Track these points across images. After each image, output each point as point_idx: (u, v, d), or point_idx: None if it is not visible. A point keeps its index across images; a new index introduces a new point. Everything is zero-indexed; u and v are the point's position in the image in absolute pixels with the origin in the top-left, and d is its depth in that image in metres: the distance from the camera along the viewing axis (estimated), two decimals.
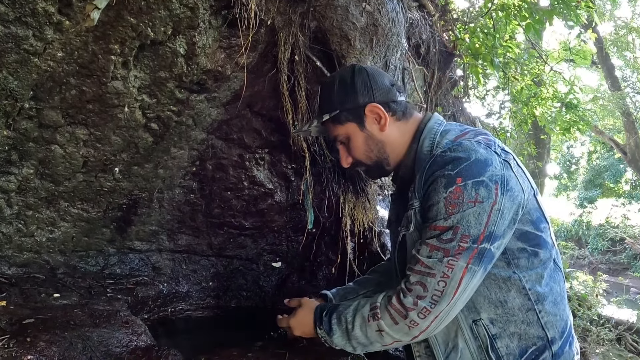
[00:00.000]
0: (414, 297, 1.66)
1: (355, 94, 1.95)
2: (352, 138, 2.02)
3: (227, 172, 3.87)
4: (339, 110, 1.98)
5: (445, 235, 1.64)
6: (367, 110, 1.97)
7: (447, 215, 1.65)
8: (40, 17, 2.27)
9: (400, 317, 1.69)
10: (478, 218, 1.61)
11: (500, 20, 6.43)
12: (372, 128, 1.98)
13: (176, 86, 2.96)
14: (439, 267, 1.63)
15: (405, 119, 2.01)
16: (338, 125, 2.03)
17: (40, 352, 2.40)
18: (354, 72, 1.99)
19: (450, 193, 1.64)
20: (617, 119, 19.76)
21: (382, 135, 1.98)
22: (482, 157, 1.67)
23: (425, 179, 1.75)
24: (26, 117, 2.73)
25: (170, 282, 4.02)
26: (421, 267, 1.67)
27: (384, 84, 1.98)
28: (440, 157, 1.73)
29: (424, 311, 1.65)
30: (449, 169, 1.67)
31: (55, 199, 3.27)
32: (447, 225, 1.65)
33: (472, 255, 1.62)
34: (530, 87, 8.84)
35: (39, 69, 2.48)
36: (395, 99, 1.99)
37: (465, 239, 1.61)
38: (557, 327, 1.79)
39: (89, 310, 2.96)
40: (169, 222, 3.97)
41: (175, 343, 3.07)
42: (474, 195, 1.62)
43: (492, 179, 1.64)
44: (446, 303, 1.63)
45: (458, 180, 1.64)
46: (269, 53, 3.20)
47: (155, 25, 2.58)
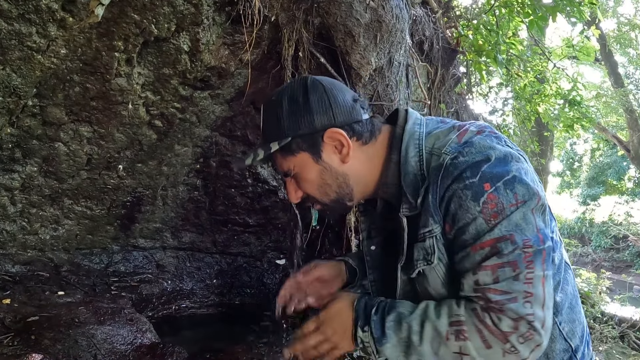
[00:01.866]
0: (511, 320, 1.31)
1: (311, 115, 1.52)
2: (304, 171, 1.58)
3: (231, 169, 3.86)
4: (291, 138, 1.52)
5: (504, 248, 1.33)
6: (326, 137, 1.53)
7: (490, 227, 1.35)
8: (43, 14, 2.26)
9: (499, 340, 1.33)
10: (526, 218, 1.36)
11: (503, 17, 6.42)
12: (330, 159, 1.55)
13: (180, 83, 2.95)
14: (517, 287, 1.32)
15: (373, 139, 1.59)
16: (288, 156, 1.56)
17: (45, 350, 2.40)
18: (306, 87, 1.55)
19: (485, 204, 1.35)
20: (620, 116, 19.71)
21: (343, 167, 1.56)
22: (501, 153, 1.40)
23: (440, 197, 1.42)
24: (30, 115, 2.73)
25: (174, 279, 4.02)
26: (496, 295, 1.33)
27: (346, 101, 1.55)
28: (452, 165, 1.40)
29: (524, 337, 1.31)
30: (468, 177, 1.37)
31: (59, 197, 3.27)
32: (497, 237, 1.34)
33: (543, 258, 1.35)
34: (533, 84, 8.82)
35: (42, 66, 2.47)
36: (359, 119, 1.56)
37: (527, 243, 1.33)
38: (577, 334, 1.60)
39: (93, 307, 2.96)
40: (172, 220, 3.96)
41: (180, 340, 3.08)
42: (513, 196, 1.36)
43: (521, 171, 1.39)
44: (541, 324, 1.31)
45: (486, 187, 1.36)
46: (272, 50, 3.19)
47: (159, 22, 2.57)
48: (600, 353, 6.76)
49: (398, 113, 1.65)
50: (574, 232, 23.08)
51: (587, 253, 21.27)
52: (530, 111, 9.01)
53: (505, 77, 8.51)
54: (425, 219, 1.45)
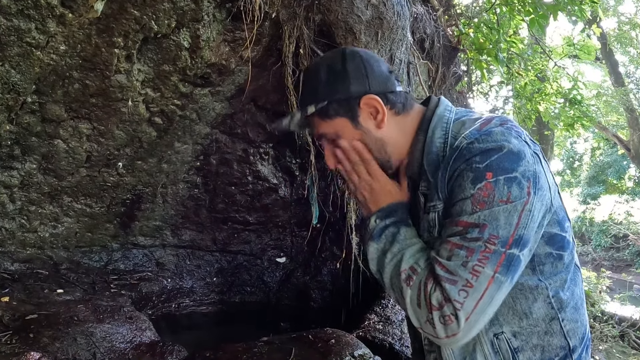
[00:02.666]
0: (442, 297, 1.40)
1: (348, 82, 1.60)
2: (344, 135, 1.66)
3: (231, 166, 3.85)
4: (327, 102, 1.61)
5: (471, 232, 1.39)
6: (362, 103, 1.61)
7: (472, 211, 1.40)
8: (42, 9, 2.24)
9: (425, 307, 1.43)
10: (508, 218, 1.39)
11: (504, 15, 6.40)
12: (367, 124, 1.63)
13: (180, 80, 2.93)
14: (462, 273, 1.38)
15: (405, 112, 1.67)
16: (326, 120, 1.65)
17: (44, 348, 2.38)
18: (344, 56, 1.63)
19: (480, 190, 1.41)
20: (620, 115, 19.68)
21: (380, 133, 1.64)
22: (515, 148, 1.43)
23: (449, 176, 1.49)
24: (29, 112, 2.71)
25: (174, 277, 4.00)
26: (441, 270, 1.41)
27: (382, 71, 1.64)
28: (467, 149, 1.46)
29: (445, 319, 1.39)
30: (476, 161, 1.42)
31: (59, 194, 3.25)
32: (473, 222, 1.40)
33: (500, 261, 1.39)
34: (534, 82, 8.81)
35: (41, 63, 2.45)
36: (394, 89, 1.64)
37: (493, 239, 1.38)
38: (578, 334, 1.62)
39: (92, 305, 2.94)
40: (172, 218, 3.95)
41: (180, 338, 3.07)
42: (506, 194, 1.40)
43: (525, 174, 1.42)
44: (465, 317, 1.38)
45: (488, 175, 1.40)
46: (273, 46, 3.17)
47: (159, 18, 2.56)
48: (600, 352, 6.76)
49: (431, 99, 1.71)
50: (574, 231, 23.02)
51: (587, 252, 21.30)
52: (531, 110, 9.00)
53: (506, 76, 8.49)
54: (433, 194, 1.53)
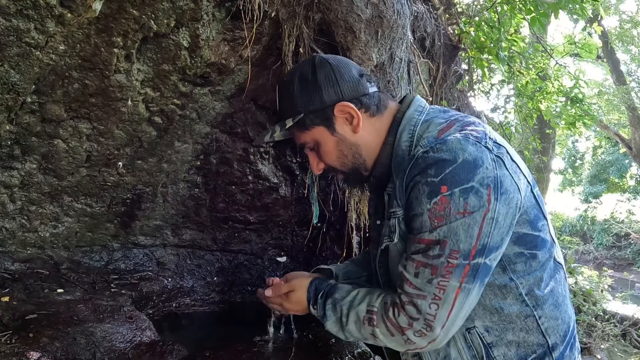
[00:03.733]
0: (408, 318, 1.50)
1: (320, 92, 1.67)
2: (322, 143, 1.74)
3: (232, 166, 3.84)
4: (303, 114, 1.69)
5: (432, 250, 1.46)
6: (336, 110, 1.69)
7: (432, 227, 1.46)
8: (41, 9, 2.23)
9: (397, 332, 1.54)
10: (468, 231, 1.43)
11: (505, 14, 6.38)
12: (343, 130, 1.71)
13: (180, 79, 2.93)
14: (429, 289, 1.46)
15: (379, 113, 1.74)
16: (304, 131, 1.74)
17: (43, 348, 2.39)
18: (314, 65, 1.69)
19: (435, 204, 1.45)
20: (622, 114, 19.67)
21: (355, 138, 1.72)
22: (470, 157, 1.44)
23: (406, 184, 1.56)
24: (28, 112, 2.71)
25: (175, 277, 4.00)
26: (410, 288, 1.50)
27: (352, 76, 1.70)
28: (422, 159, 1.50)
29: (419, 333, 1.50)
30: (431, 175, 1.46)
31: (59, 194, 3.25)
32: (433, 239, 1.46)
33: (465, 273, 1.44)
34: (535, 81, 8.80)
35: (41, 63, 2.45)
36: (366, 92, 1.70)
37: (454, 254, 1.43)
38: (558, 332, 1.64)
39: (92, 305, 2.94)
40: (173, 217, 3.95)
41: (180, 338, 3.06)
42: (463, 205, 1.42)
43: (484, 182, 1.43)
44: (440, 326, 1.47)
45: (443, 189, 1.44)
46: (273, 46, 3.17)
47: (158, 18, 2.55)
48: (602, 351, 6.75)
49: (405, 99, 1.79)
50: (576, 230, 23.10)
51: (589, 251, 21.30)
52: (532, 108, 8.99)
53: (507, 74, 8.47)
54: (392, 200, 1.64)
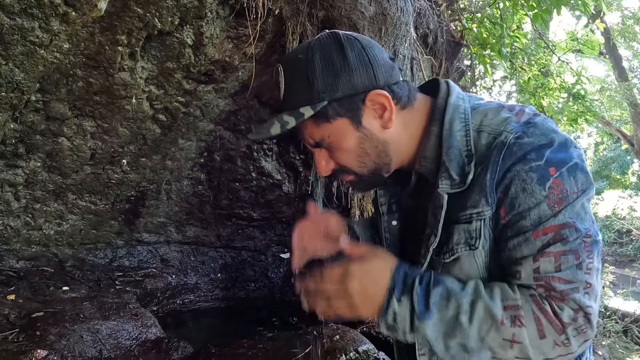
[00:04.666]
0: (572, 311, 1.21)
1: (350, 75, 1.32)
2: (341, 139, 1.37)
3: (235, 163, 3.85)
4: (327, 102, 1.32)
5: (566, 235, 1.23)
6: (368, 100, 1.34)
7: (554, 213, 1.24)
8: (46, 8, 2.24)
9: (556, 331, 1.22)
10: (586, 209, 1.27)
11: (507, 10, 6.38)
12: (371, 125, 1.37)
13: (184, 77, 2.94)
14: (580, 276, 1.23)
15: (410, 105, 1.42)
16: (323, 124, 1.35)
17: (50, 346, 2.39)
18: (341, 43, 1.33)
19: (551, 189, 1.24)
20: (624, 110, 19.61)
21: (384, 134, 1.38)
22: (562, 137, 1.29)
23: (500, 177, 1.29)
24: (33, 110, 2.72)
25: (179, 273, 4.02)
26: (561, 284, 1.23)
27: (385, 59, 1.37)
28: (516, 145, 1.28)
29: (579, 330, 1.22)
30: (533, 159, 1.26)
31: (63, 192, 3.26)
32: (560, 223, 1.24)
33: (599, 251, 1.27)
34: (537, 77, 8.79)
35: (45, 61, 2.45)
36: (398, 80, 1.38)
37: (588, 234, 1.24)
38: None
39: (98, 303, 2.95)
40: (177, 214, 3.96)
41: (185, 334, 3.08)
42: (574, 183, 1.26)
43: (581, 157, 1.29)
44: (595, 320, 1.23)
45: (552, 171, 1.25)
46: (276, 43, 3.17)
47: (162, 16, 2.55)
48: (603, 347, 6.75)
49: (438, 84, 1.48)
50: None
51: None
52: (535, 105, 8.97)
53: (510, 71, 8.47)
54: (476, 199, 1.31)
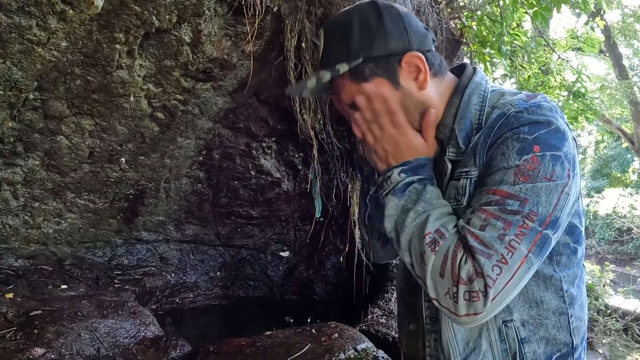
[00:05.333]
0: (473, 271, 1.25)
1: (386, 37, 1.39)
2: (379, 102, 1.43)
3: (234, 161, 3.85)
4: (363, 59, 1.39)
5: (510, 205, 1.27)
6: (403, 61, 1.40)
7: (514, 182, 1.28)
8: (43, 6, 2.23)
9: (450, 278, 1.28)
10: (549, 197, 1.28)
11: (507, 8, 6.37)
12: (409, 86, 1.42)
13: (182, 75, 2.93)
14: (498, 247, 1.25)
15: (441, 74, 1.50)
16: (359, 82, 1.42)
17: (48, 344, 2.39)
18: (378, 9, 1.40)
19: (525, 162, 1.28)
20: (624, 108, 19.60)
21: (422, 95, 1.44)
22: (561, 127, 1.33)
23: (491, 142, 1.35)
24: (31, 108, 2.71)
25: (178, 272, 4.02)
26: (474, 241, 1.26)
27: (420, 27, 1.44)
28: (514, 117, 1.34)
29: (472, 295, 1.26)
30: (524, 132, 1.31)
31: (62, 190, 3.26)
32: (514, 193, 1.28)
33: (535, 241, 1.27)
34: (537, 75, 8.77)
35: (43, 59, 2.45)
36: (431, 48, 1.46)
37: (532, 216, 1.27)
38: (581, 333, 1.53)
39: (96, 301, 2.95)
40: (176, 212, 3.96)
41: (184, 333, 3.08)
42: (550, 171, 1.28)
43: (568, 156, 1.31)
44: (493, 296, 1.24)
45: (535, 149, 1.29)
46: (275, 40, 3.16)
47: (160, 13, 2.55)
48: (603, 345, 6.75)
49: (465, 67, 1.56)
50: None
51: (591, 245, 21.27)
52: None
53: (510, 69, 8.46)
54: (467, 159, 1.38)
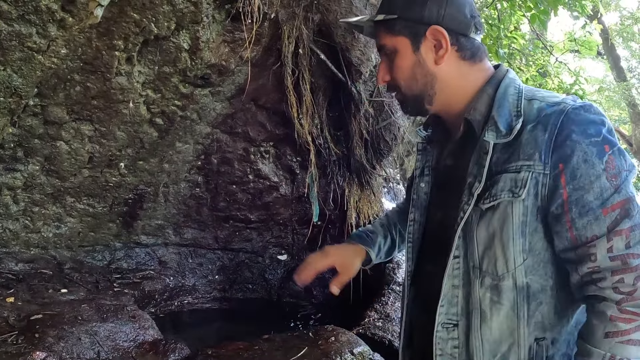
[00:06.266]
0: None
1: (423, 5, 1.52)
2: (399, 56, 1.57)
3: (232, 165, 3.87)
4: (397, 17, 1.54)
5: (632, 209, 1.29)
6: (429, 32, 1.52)
7: (615, 187, 1.30)
8: (43, 14, 2.26)
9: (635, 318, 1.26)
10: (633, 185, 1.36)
11: (505, 11, 6.40)
12: (426, 55, 1.54)
13: (180, 81, 2.96)
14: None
15: (472, 61, 1.58)
16: (389, 34, 1.58)
17: (49, 348, 2.42)
18: None
19: (607, 163, 1.30)
20: (622, 110, 19.61)
21: (434, 68, 1.54)
22: (609, 124, 1.38)
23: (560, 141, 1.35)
24: (31, 114, 2.74)
25: (177, 275, 4.04)
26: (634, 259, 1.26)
27: (462, 11, 1.53)
28: (574, 114, 1.36)
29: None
30: (592, 135, 1.33)
31: (61, 195, 3.29)
32: (625, 198, 1.30)
33: None
34: (535, 77, 8.80)
35: (43, 66, 2.48)
36: (467, 33, 1.55)
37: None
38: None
39: (96, 305, 2.98)
40: (174, 216, 3.98)
41: (182, 336, 3.10)
42: (624, 162, 1.32)
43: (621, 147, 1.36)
44: None
45: (606, 148, 1.32)
46: (273, 47, 3.19)
47: (159, 21, 2.58)
48: None
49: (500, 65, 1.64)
50: None
51: None
52: None
53: None
54: (530, 152, 1.37)
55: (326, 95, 3.54)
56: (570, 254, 1.33)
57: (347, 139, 3.67)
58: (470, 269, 1.42)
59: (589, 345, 1.30)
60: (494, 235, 1.39)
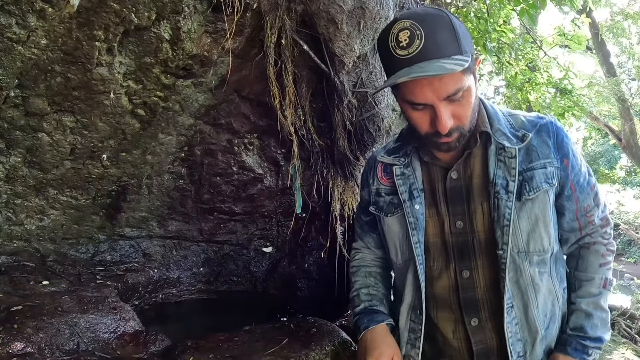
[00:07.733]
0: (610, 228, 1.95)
1: (469, 39, 1.51)
2: (470, 92, 1.53)
3: (216, 157, 3.87)
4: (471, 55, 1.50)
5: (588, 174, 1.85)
6: (477, 62, 1.60)
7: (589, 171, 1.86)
8: (22, 4, 2.25)
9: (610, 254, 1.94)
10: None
11: (493, 5, 6.40)
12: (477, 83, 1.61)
13: (162, 72, 2.95)
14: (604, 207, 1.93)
15: None
16: (467, 75, 1.50)
17: (27, 339, 2.41)
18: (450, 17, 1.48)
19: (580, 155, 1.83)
20: (612, 105, 19.67)
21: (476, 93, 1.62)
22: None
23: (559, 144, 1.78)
24: (12, 106, 2.73)
25: (161, 268, 4.03)
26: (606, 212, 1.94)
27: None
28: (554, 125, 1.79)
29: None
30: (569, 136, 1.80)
31: (44, 187, 3.27)
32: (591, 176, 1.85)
33: None
34: (524, 72, 8.82)
35: (23, 57, 2.47)
36: None
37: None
38: None
39: (77, 296, 2.97)
40: (158, 208, 3.97)
41: (166, 328, 3.10)
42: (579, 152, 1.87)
43: None
44: None
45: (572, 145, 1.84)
46: (255, 37, 3.18)
47: (139, 11, 2.57)
48: None
49: None
50: None
51: None
52: (522, 99, 9.02)
53: (497, 66, 8.50)
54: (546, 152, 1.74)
55: (309, 86, 3.53)
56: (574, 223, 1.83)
57: (331, 130, 3.66)
58: (515, 256, 1.69)
59: (590, 274, 1.84)
60: (537, 219, 1.71)
